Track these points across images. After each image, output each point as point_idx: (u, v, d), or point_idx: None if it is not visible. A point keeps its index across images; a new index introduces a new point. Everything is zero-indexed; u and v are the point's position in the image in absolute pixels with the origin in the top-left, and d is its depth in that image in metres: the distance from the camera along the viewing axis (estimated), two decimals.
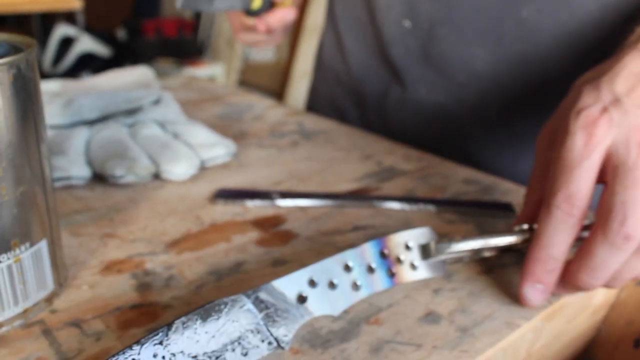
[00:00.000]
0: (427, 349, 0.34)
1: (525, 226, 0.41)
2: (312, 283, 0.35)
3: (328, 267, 0.36)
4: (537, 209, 0.40)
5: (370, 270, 0.37)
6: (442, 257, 0.40)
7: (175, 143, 0.57)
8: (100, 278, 0.40)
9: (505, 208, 0.51)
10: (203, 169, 0.57)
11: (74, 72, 2.88)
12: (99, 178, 0.54)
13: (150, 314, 0.36)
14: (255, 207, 0.50)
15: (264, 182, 0.55)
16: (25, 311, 0.35)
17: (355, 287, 0.36)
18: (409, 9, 0.66)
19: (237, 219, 0.48)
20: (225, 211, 0.49)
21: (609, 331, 0.49)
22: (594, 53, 0.57)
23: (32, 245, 0.34)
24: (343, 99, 0.80)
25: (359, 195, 0.53)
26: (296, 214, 0.49)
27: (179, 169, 0.53)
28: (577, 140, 0.37)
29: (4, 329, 0.34)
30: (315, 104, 0.86)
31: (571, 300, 0.41)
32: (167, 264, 0.42)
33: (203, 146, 0.57)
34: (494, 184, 0.57)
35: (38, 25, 2.99)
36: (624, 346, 0.48)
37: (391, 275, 0.38)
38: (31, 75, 0.33)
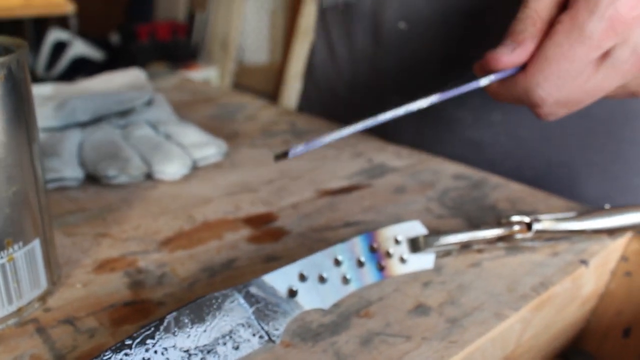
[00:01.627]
0: (416, 340, 0.35)
1: (516, 218, 0.42)
2: (302, 277, 0.35)
3: (318, 261, 0.36)
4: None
5: (360, 264, 0.38)
6: (431, 250, 0.40)
7: (167, 143, 0.57)
8: (94, 276, 0.40)
9: None
10: (195, 168, 0.57)
11: (67, 76, 2.88)
12: (92, 179, 0.54)
13: (143, 311, 0.37)
14: (246, 205, 0.50)
15: (255, 181, 0.55)
16: (20, 310, 0.35)
17: (345, 280, 0.37)
18: (405, 10, 0.65)
19: (229, 216, 0.49)
20: (218, 209, 0.50)
21: (598, 321, 0.50)
22: None
23: (25, 244, 0.35)
24: (336, 108, 0.79)
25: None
26: (288, 211, 0.50)
27: (171, 168, 0.54)
28: (599, 26, 0.39)
29: None
30: (306, 110, 0.86)
31: (560, 291, 0.42)
32: (159, 261, 0.42)
33: (195, 146, 0.58)
34: (484, 179, 0.57)
35: (31, 30, 2.99)
36: (613, 336, 0.49)
37: (381, 268, 0.38)
38: (22, 76, 0.34)
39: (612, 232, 0.46)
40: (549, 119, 0.45)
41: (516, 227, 0.42)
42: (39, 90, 0.68)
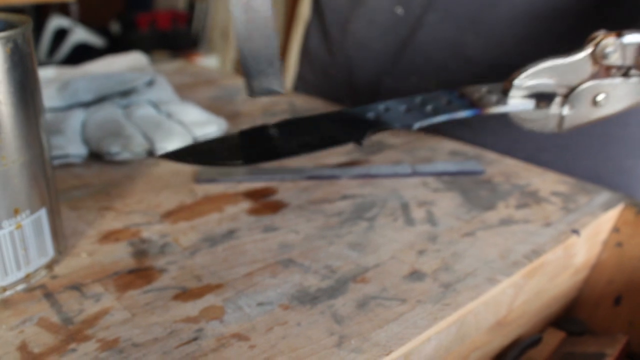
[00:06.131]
0: (411, 303, 0.36)
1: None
2: (387, 109, 0.38)
3: (400, 101, 0.38)
4: None
5: (449, 103, 0.39)
6: (525, 84, 0.40)
7: (169, 122, 0.59)
8: (99, 246, 0.41)
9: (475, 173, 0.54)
10: None
11: (69, 62, 2.89)
12: (96, 157, 0.55)
13: (147, 277, 0.38)
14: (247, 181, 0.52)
15: None
16: (27, 276, 0.37)
17: (435, 111, 0.38)
18: None
19: (229, 191, 0.50)
20: (218, 185, 0.51)
21: (590, 291, 0.51)
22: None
23: (32, 213, 0.36)
24: (332, 91, 0.80)
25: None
26: (286, 185, 0.51)
27: (172, 146, 0.55)
28: None
29: (8, 292, 0.36)
30: (302, 91, 0.87)
31: (552, 259, 0.43)
32: (162, 232, 0.43)
33: (195, 124, 0.59)
34: (479, 155, 0.59)
35: (32, 17, 3.00)
36: (604, 304, 0.50)
37: (473, 106, 0.39)
38: (27, 50, 0.35)
39: None
40: None
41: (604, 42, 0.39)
42: (42, 74, 0.69)
